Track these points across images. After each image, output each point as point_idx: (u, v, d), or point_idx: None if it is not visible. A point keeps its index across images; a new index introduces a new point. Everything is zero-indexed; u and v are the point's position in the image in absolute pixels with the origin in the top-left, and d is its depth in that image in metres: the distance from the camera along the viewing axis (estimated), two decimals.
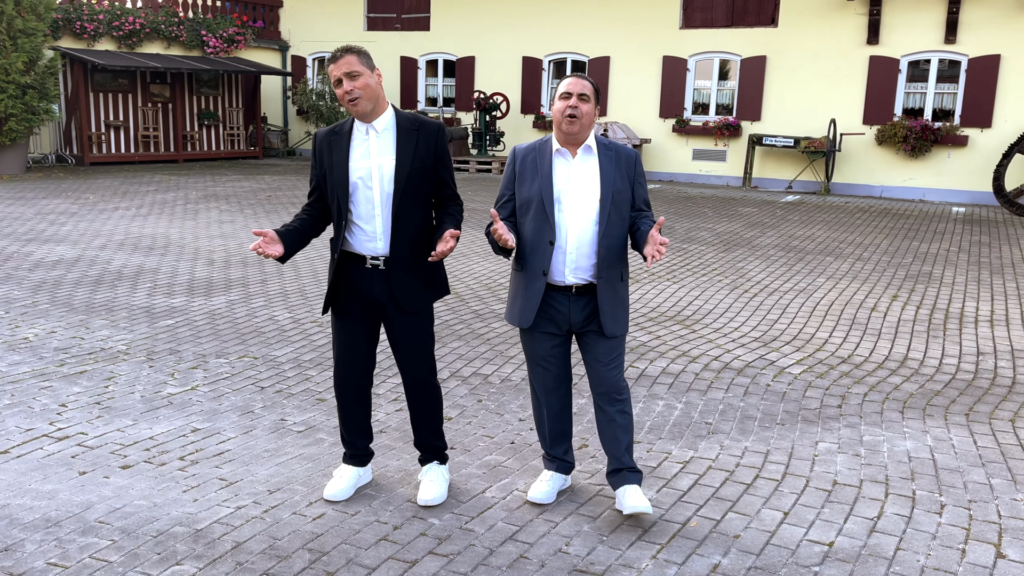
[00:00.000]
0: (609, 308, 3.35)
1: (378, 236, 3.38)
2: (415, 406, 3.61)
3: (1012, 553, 3.19)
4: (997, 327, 6.43)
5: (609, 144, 3.40)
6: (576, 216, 3.31)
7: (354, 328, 3.50)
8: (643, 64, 16.98)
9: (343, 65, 3.28)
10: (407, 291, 3.40)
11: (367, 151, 3.38)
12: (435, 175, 3.42)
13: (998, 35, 14.10)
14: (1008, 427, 4.48)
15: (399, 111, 3.43)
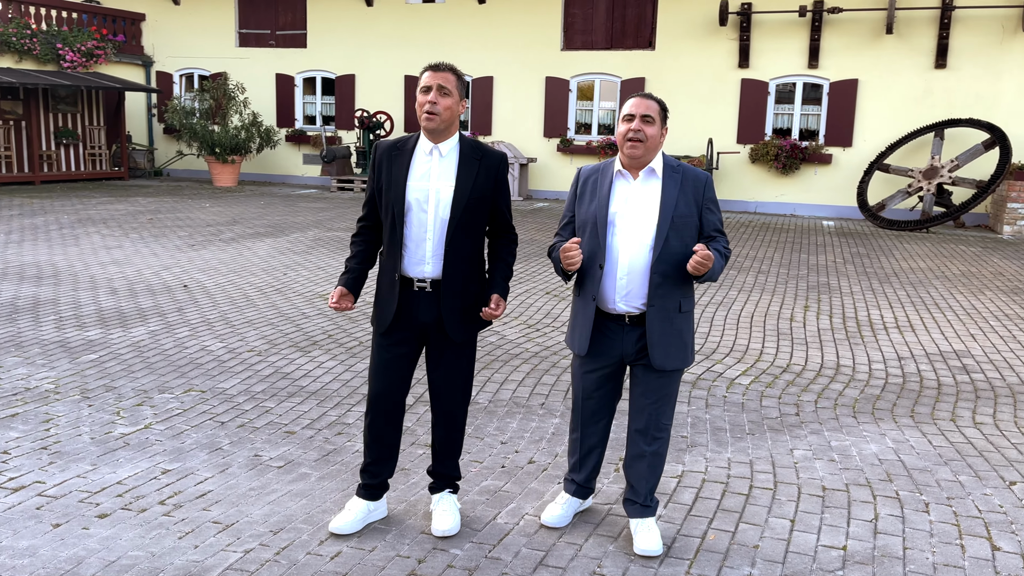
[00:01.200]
0: (659, 339, 3.19)
1: (427, 259, 3.31)
2: (443, 435, 3.52)
3: (1005, 545, 3.43)
4: (905, 332, 6.90)
5: (677, 166, 3.26)
6: (629, 240, 3.19)
7: (397, 351, 3.40)
8: (526, 85, 17.25)
9: (441, 78, 3.23)
10: (453, 318, 3.33)
11: (428, 172, 3.31)
12: (492, 205, 3.37)
13: (855, 61, 15.18)
14: (951, 426, 4.81)
15: (464, 137, 3.36)
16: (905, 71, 14.89)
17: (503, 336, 6.53)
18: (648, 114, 3.17)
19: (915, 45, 14.81)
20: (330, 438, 4.44)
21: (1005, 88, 14.39)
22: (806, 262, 10.32)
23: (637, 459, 3.36)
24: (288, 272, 8.81)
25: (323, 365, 5.69)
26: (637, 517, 3.38)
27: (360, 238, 3.53)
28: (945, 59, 14.59)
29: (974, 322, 7.29)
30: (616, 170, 3.27)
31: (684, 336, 3.26)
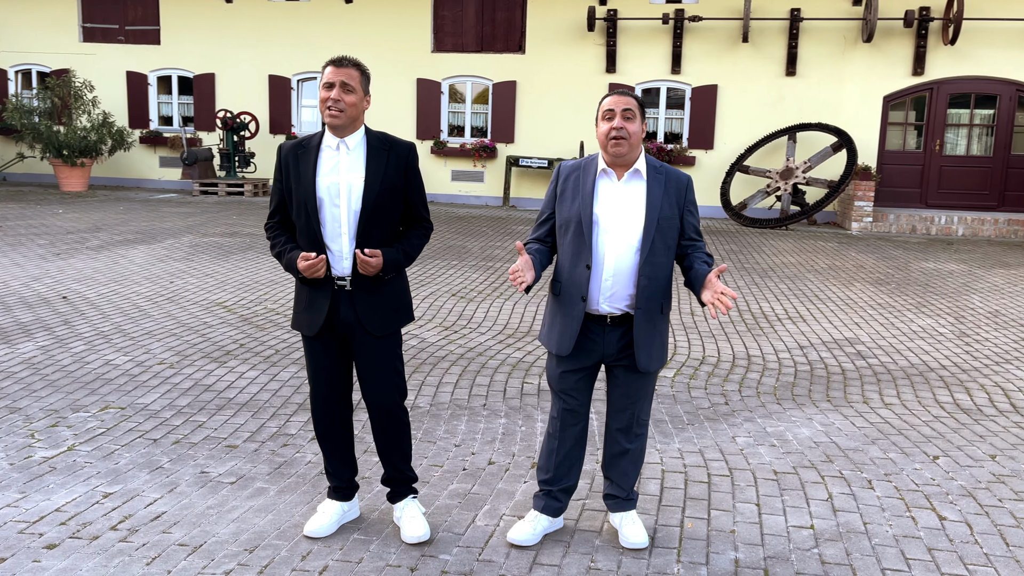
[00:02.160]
0: (645, 341, 3.18)
1: (344, 255, 3.24)
2: (384, 436, 3.43)
3: (949, 515, 3.72)
4: (797, 323, 7.32)
5: (660, 167, 3.23)
6: (616, 242, 3.15)
7: (325, 352, 3.34)
8: (397, 86, 17.09)
9: (344, 74, 3.15)
10: (372, 313, 3.27)
11: (336, 167, 3.23)
12: (404, 196, 3.31)
13: (715, 67, 15.94)
14: (866, 408, 5.15)
15: (370, 130, 3.29)
16: (760, 78, 15.77)
17: (423, 339, 6.45)
18: (628, 108, 3.12)
19: (768, 53, 15.72)
20: (276, 450, 4.26)
21: (848, 95, 15.50)
22: None
23: (619, 456, 3.36)
24: (175, 280, 8.36)
25: (244, 375, 5.44)
26: (620, 511, 3.40)
27: (279, 230, 3.39)
28: (795, 67, 15.56)
29: (854, 311, 7.82)
30: (600, 168, 3.20)
31: (664, 337, 3.28)
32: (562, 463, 3.39)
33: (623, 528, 3.36)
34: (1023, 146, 15.41)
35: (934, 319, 7.57)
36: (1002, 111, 15.26)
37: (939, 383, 5.69)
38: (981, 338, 6.94)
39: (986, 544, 3.44)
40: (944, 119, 15.48)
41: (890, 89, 15.41)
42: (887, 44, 15.32)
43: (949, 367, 6.07)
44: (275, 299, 7.64)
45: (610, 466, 3.40)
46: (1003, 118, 15.28)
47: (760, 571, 3.19)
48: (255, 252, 10.07)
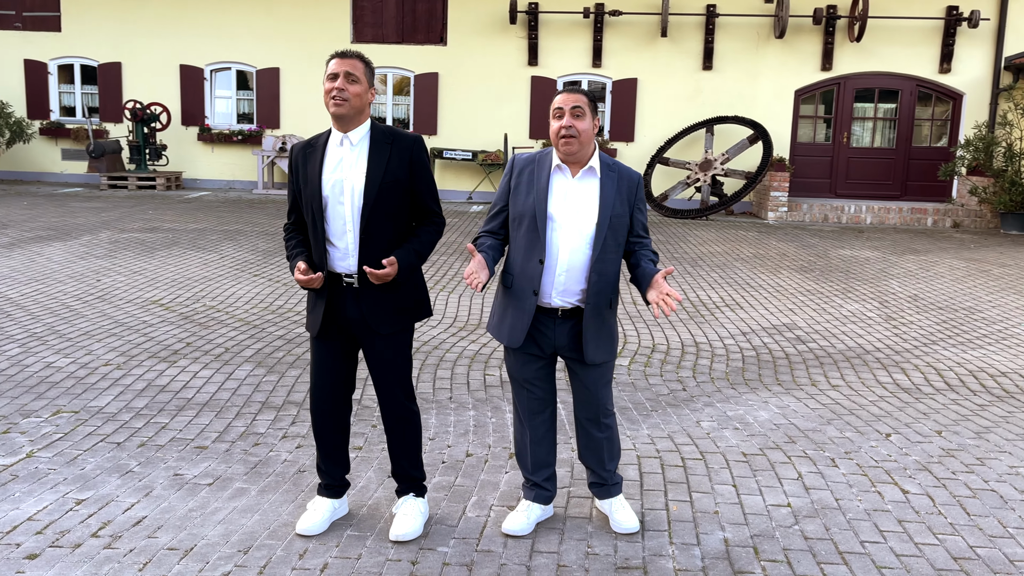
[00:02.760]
0: (593, 335, 3.24)
1: (350, 252, 3.23)
2: (391, 434, 3.45)
3: (911, 488, 3.93)
4: (735, 310, 7.56)
5: (613, 164, 3.27)
6: (569, 238, 3.19)
7: (330, 350, 3.33)
8: (316, 77, 16.79)
9: (348, 65, 3.15)
10: (378, 311, 3.26)
11: (340, 163, 3.22)
12: (410, 190, 3.29)
13: (634, 61, 16.23)
14: (815, 390, 5.38)
15: (375, 124, 3.27)
16: (678, 72, 16.13)
17: None
18: (577, 105, 3.13)
19: (685, 48, 16.09)
20: (249, 450, 4.18)
21: (761, 89, 16.01)
22: None
23: (591, 448, 3.41)
24: (101, 278, 8.05)
25: (198, 375, 5.30)
26: (607, 497, 3.47)
27: (294, 232, 3.41)
28: (711, 61, 15.98)
29: (786, 298, 8.12)
30: (555, 164, 3.23)
31: (612, 331, 3.32)
32: (537, 452, 3.44)
33: (614, 514, 3.43)
34: (923, 139, 16.23)
35: (860, 304, 7.93)
36: (903, 105, 16.03)
37: (877, 365, 5.98)
38: (906, 321, 7.32)
39: (949, 514, 3.66)
40: (851, 113, 16.17)
41: (801, 84, 15.99)
42: (798, 40, 15.88)
43: (883, 349, 6.39)
44: (213, 296, 7.45)
45: (586, 456, 3.45)
46: (904, 112, 16.05)
47: (750, 549, 3.31)
48: (180, 248, 9.78)
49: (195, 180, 17.33)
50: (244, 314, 6.86)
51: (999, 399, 5.28)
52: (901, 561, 3.24)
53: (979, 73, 15.68)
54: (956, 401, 5.22)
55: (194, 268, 8.66)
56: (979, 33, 15.56)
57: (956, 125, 15.97)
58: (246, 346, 5.95)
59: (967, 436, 4.62)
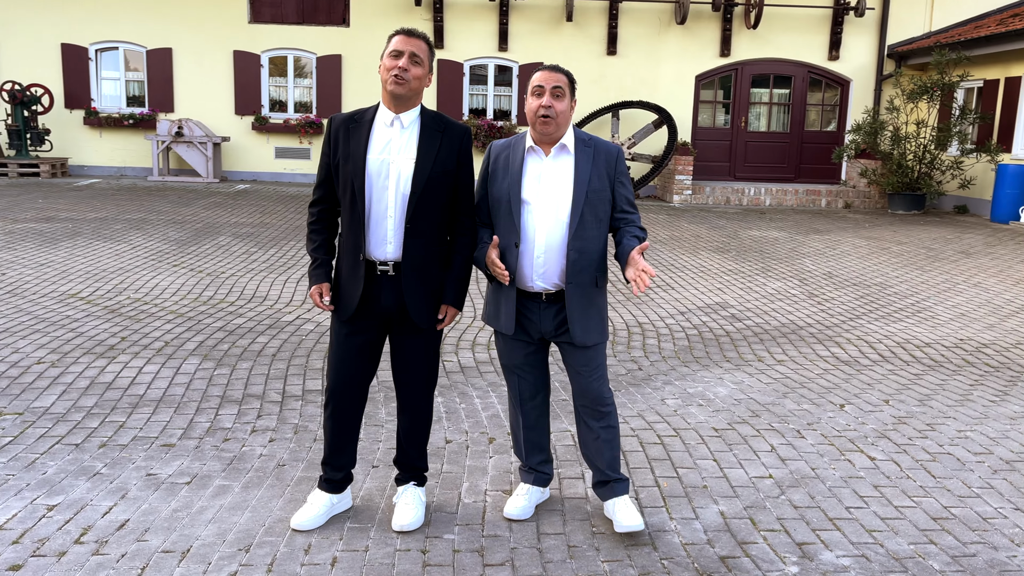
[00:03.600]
0: (579, 316, 3.15)
1: (388, 239, 3.12)
2: (409, 423, 3.37)
3: (876, 455, 4.13)
4: (668, 291, 7.74)
5: (589, 140, 3.19)
6: (544, 218, 3.12)
7: (356, 338, 3.21)
8: (212, 58, 16.16)
9: (414, 45, 3.05)
10: (418, 303, 3.17)
11: (388, 144, 3.10)
12: (456, 181, 3.19)
13: (541, 45, 16.31)
14: (763, 365, 5.58)
15: (426, 109, 3.17)
16: (583, 56, 16.30)
17: (319, 323, 6.25)
18: (558, 86, 3.07)
19: (590, 33, 16.27)
20: (219, 446, 4.02)
21: (664, 74, 16.37)
22: None
23: (590, 440, 3.31)
24: (6, 271, 7.55)
25: (143, 370, 5.06)
26: (612, 497, 3.32)
27: (319, 225, 3.28)
28: (615, 46, 16.22)
29: (712, 278, 8.37)
30: (528, 146, 3.17)
31: (602, 311, 3.24)
32: (531, 437, 3.41)
33: (616, 514, 3.26)
34: (814, 123, 16.96)
35: (782, 282, 8.25)
36: (796, 91, 16.70)
37: (812, 339, 6.25)
38: (828, 297, 7.66)
39: (917, 478, 3.87)
40: (748, 98, 16.73)
41: (701, 69, 16.43)
42: (698, 27, 16.30)
43: (813, 325, 6.67)
44: (136, 288, 7.11)
45: (586, 448, 3.35)
46: (797, 97, 16.73)
47: (747, 520, 3.42)
48: (85, 239, 9.27)
49: (82, 167, 16.43)
50: (175, 306, 6.58)
51: (930, 368, 5.61)
52: (887, 524, 3.41)
53: (865, 60, 16.48)
54: (893, 372, 5.51)
55: (106, 259, 8.23)
56: (865, 22, 16.34)
57: (844, 110, 16.76)
58: (186, 339, 5.71)
59: (912, 404, 4.88)
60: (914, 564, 3.11)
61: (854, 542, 3.26)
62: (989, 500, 3.66)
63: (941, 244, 10.98)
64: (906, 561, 3.13)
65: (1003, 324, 6.86)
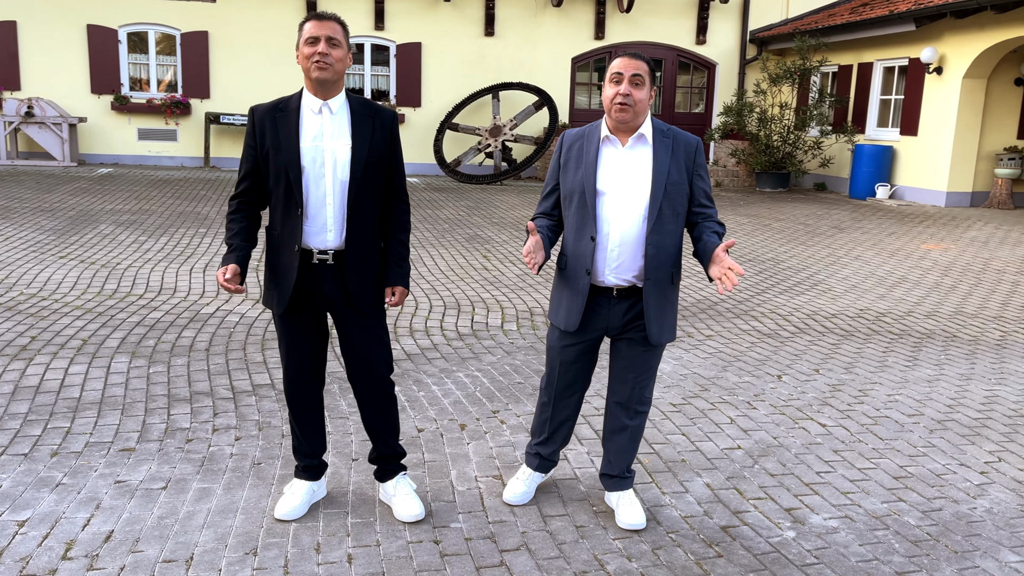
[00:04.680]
0: (656, 314, 3.07)
1: (328, 227, 3.06)
2: (375, 413, 3.30)
3: (825, 421, 4.40)
4: None
5: (667, 130, 3.07)
6: (621, 211, 3.03)
7: (302, 327, 3.17)
8: (62, 33, 15.06)
9: (328, 28, 2.97)
10: (362, 289, 3.13)
11: (320, 132, 3.03)
12: (388, 166, 3.16)
13: (418, 25, 16.13)
14: (695, 341, 5.80)
15: (351, 95, 3.11)
16: (461, 37, 16.25)
17: (243, 315, 6.01)
18: (638, 73, 2.97)
19: (468, 14, 16.23)
20: (184, 447, 3.83)
21: (541, 56, 16.55)
22: (449, 218, 10.96)
23: (618, 432, 3.27)
24: None
25: (69, 371, 4.73)
26: (617, 490, 3.32)
27: (240, 214, 3.16)
28: (493, 28, 16.26)
29: None
30: (603, 135, 3.08)
31: (675, 308, 3.17)
32: (559, 429, 3.38)
33: (619, 508, 3.27)
34: (684, 105, 17.60)
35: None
36: (667, 73, 17.27)
37: (730, 314, 6.54)
38: None
39: (867, 441, 4.16)
40: None
41: (576, 51, 16.71)
42: (573, 9, 16.56)
43: (726, 301, 6.99)
44: (27, 282, 6.60)
45: (608, 441, 3.32)
46: (667, 80, 17.31)
47: (733, 490, 3.58)
48: None
49: None
50: (78, 301, 6.16)
51: (843, 338, 6.00)
52: (857, 486, 3.66)
53: (729, 45, 17.23)
54: (813, 342, 5.87)
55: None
56: (728, 8, 17.07)
57: (712, 92, 17.48)
58: (104, 336, 5.37)
59: (839, 372, 5.22)
60: (893, 521, 3.35)
61: (834, 504, 3.48)
62: (936, 458, 3.98)
63: (815, 220, 11.69)
64: (885, 519, 3.37)
65: (892, 294, 7.41)
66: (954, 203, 13.47)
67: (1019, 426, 4.42)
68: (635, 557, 3.04)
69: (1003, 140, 13.57)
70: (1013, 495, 3.61)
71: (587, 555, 3.04)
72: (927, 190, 13.73)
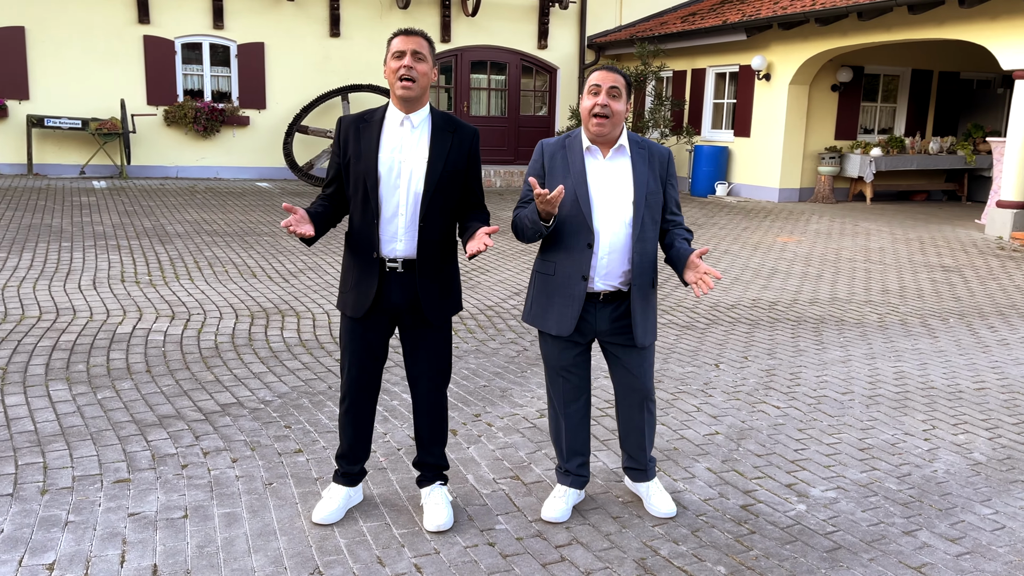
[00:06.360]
0: (641, 317, 3.22)
1: (399, 236, 3.13)
2: (428, 422, 3.36)
3: (778, 404, 4.79)
4: (484, 274, 8.04)
5: (642, 142, 3.25)
6: (609, 219, 3.15)
7: (370, 334, 3.22)
8: None
9: (414, 43, 3.04)
10: (429, 300, 3.19)
11: (400, 144, 3.10)
12: (464, 181, 3.23)
13: (260, 25, 15.61)
14: None
15: (435, 109, 3.17)
16: (306, 37, 15.89)
17: (166, 333, 5.70)
18: (615, 86, 3.11)
19: (312, 14, 15.89)
20: (183, 474, 3.65)
21: None
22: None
23: (634, 431, 3.40)
24: None
25: (8, 404, 4.35)
26: (644, 481, 3.48)
27: (326, 201, 3.25)
28: (339, 29, 16.01)
29: (508, 259, 8.79)
30: (585, 146, 3.21)
31: (655, 310, 3.33)
32: (573, 441, 3.45)
33: (651, 498, 3.45)
34: (528, 108, 18.08)
35: None
36: (511, 77, 17.68)
37: None
38: None
39: (821, 419, 4.58)
40: (468, 83, 17.40)
41: None
42: (419, 12, 16.60)
43: None
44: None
45: (626, 439, 3.45)
46: (512, 83, 17.72)
47: (733, 472, 3.86)
48: None
49: None
50: None
51: (753, 326, 6.50)
52: (833, 459, 4.05)
53: (569, 50, 17.88)
54: (729, 332, 6.32)
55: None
56: (568, 14, 17.71)
57: (554, 96, 18.07)
58: (20, 363, 4.95)
59: (765, 358, 5.68)
60: (878, 487, 3.75)
61: (823, 478, 3.84)
62: (883, 430, 4.46)
63: None
64: (871, 486, 3.76)
65: (772, 284, 8.06)
66: (786, 199, 14.71)
67: (935, 398, 5.01)
68: (680, 540, 3.24)
69: (824, 140, 14.97)
70: (959, 457, 4.13)
71: (637, 543, 3.21)
72: (762, 187, 14.91)
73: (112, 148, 15.07)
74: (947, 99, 16.11)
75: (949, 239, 11.15)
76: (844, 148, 15.03)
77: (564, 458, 3.48)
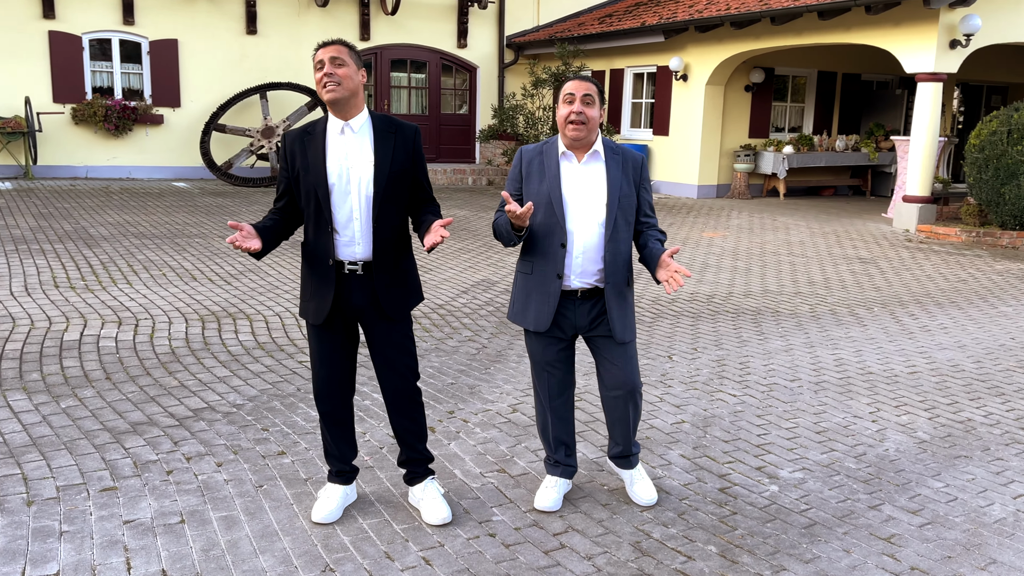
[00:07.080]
0: (619, 313, 3.37)
1: (356, 240, 3.23)
2: (404, 417, 3.43)
3: (735, 393, 5.03)
4: (433, 271, 8.09)
5: (616, 148, 3.40)
6: (582, 221, 3.31)
7: (334, 338, 3.32)
8: None
9: (331, 51, 3.14)
10: (390, 297, 3.30)
11: (346, 151, 3.20)
12: (412, 178, 3.33)
13: (173, 21, 15.20)
14: None
15: (373, 112, 3.29)
16: (222, 34, 15.55)
17: (119, 339, 5.58)
18: (588, 93, 3.27)
19: (227, 11, 15.56)
20: (170, 479, 3.63)
21: (307, 56, 16.28)
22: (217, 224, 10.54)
23: (620, 420, 3.51)
24: None
25: None
26: (628, 468, 3.63)
27: (276, 215, 3.33)
28: (255, 26, 15.73)
29: (453, 257, 8.87)
30: (561, 151, 3.36)
31: (632, 308, 3.46)
32: (558, 434, 3.59)
33: (634, 486, 3.61)
34: (449, 106, 18.12)
35: (510, 255, 9.05)
36: (431, 75, 17.70)
37: None
38: None
39: (775, 405, 4.84)
40: (389, 81, 17.33)
41: None
42: (338, 9, 16.45)
43: None
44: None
45: (613, 428, 3.56)
46: (432, 81, 17.74)
47: (705, 458, 4.06)
48: None
49: None
50: None
51: (696, 319, 6.76)
52: (794, 443, 4.29)
53: (488, 49, 18.00)
54: (675, 324, 6.56)
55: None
56: (487, 14, 17.83)
57: (474, 94, 18.16)
58: None
59: (712, 349, 5.93)
60: (839, 467, 4.01)
61: (788, 460, 4.08)
62: (833, 414, 4.74)
63: None
64: (833, 466, 4.02)
65: (706, 277, 8.38)
66: (704, 195, 15.20)
67: (874, 382, 5.34)
68: (669, 524, 3.41)
69: (739, 139, 15.52)
70: (905, 436, 4.44)
71: (629, 528, 3.37)
72: (681, 184, 15.36)
73: (16, 148, 14.43)
74: (850, 99, 16.93)
75: (862, 232, 11.76)
76: (758, 146, 15.62)
77: (552, 449, 3.61)
